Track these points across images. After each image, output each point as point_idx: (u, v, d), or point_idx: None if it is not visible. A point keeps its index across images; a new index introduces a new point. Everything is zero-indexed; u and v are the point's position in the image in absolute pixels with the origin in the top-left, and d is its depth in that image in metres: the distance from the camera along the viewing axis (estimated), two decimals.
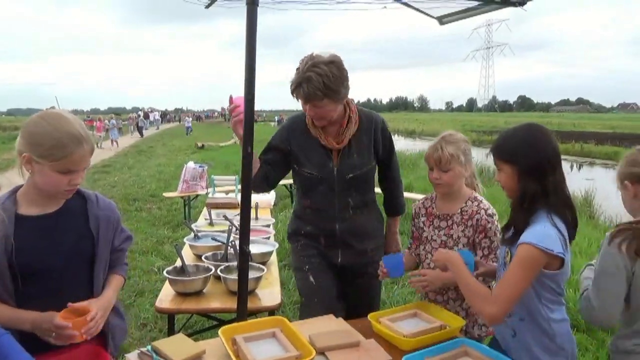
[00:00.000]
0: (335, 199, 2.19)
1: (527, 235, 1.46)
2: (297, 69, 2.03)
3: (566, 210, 1.52)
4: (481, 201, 1.97)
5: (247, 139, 1.86)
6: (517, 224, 1.54)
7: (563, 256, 1.45)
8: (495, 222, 1.91)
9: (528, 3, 2.12)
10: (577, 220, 1.57)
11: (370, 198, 2.29)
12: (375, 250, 2.29)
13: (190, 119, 38.47)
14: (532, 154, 1.51)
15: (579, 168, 18.55)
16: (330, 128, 2.17)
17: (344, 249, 2.24)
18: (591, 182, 12.01)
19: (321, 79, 1.94)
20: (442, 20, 2.53)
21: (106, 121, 22.12)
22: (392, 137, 2.35)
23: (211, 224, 3.37)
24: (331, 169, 2.17)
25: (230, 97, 2.01)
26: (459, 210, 1.98)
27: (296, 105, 2.13)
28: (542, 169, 1.50)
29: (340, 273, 2.28)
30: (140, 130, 29.58)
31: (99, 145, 19.72)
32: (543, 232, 1.45)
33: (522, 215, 1.53)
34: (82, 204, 1.58)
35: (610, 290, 1.55)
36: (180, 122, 64.22)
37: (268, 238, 3.01)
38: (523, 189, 1.53)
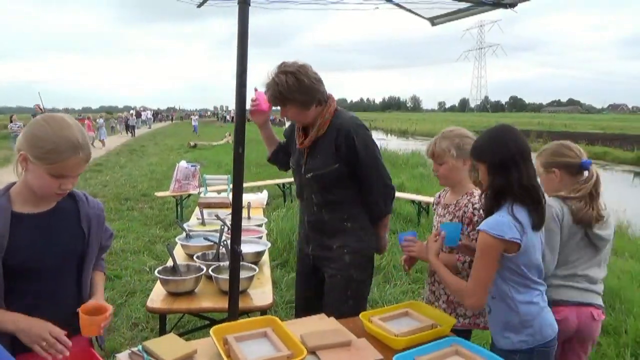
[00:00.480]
0: (303, 193, 2.37)
1: (483, 224, 1.65)
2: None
3: (530, 201, 1.66)
4: (474, 196, 2.04)
5: (239, 140, 1.86)
6: (486, 215, 1.72)
7: (517, 241, 1.59)
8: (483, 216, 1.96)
9: (519, 5, 2.14)
10: (544, 210, 1.70)
11: (337, 199, 2.27)
12: (341, 248, 2.28)
13: (197, 117, 38.36)
14: (497, 152, 1.67)
15: None
16: (311, 128, 2.28)
17: (313, 240, 2.38)
18: None
19: (277, 88, 2.14)
20: (433, 21, 2.55)
21: (96, 120, 21.92)
22: (371, 139, 2.25)
23: (203, 223, 3.37)
24: (301, 166, 2.34)
25: (255, 89, 2.29)
26: (455, 202, 2.10)
27: None
28: (506, 165, 1.65)
29: (313, 264, 2.41)
30: (132, 129, 29.16)
31: (91, 144, 19.56)
32: (496, 220, 1.62)
33: (489, 206, 1.71)
34: (73, 203, 1.60)
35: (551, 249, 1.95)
36: (172, 121, 63.99)
37: (260, 238, 3.01)
38: (491, 183, 1.70)
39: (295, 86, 2.13)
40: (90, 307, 1.52)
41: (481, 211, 1.95)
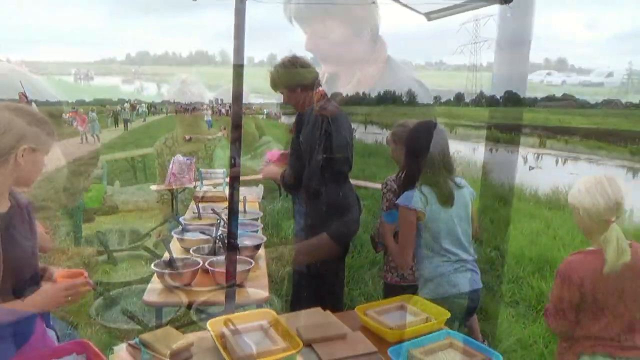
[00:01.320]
0: None
1: (399, 199, 2.09)
2: None
3: (431, 181, 2.06)
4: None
5: (236, 135, 1.86)
6: (400, 191, 2.15)
7: (420, 209, 2.02)
8: (384, 189, 2.61)
9: (514, 0, 2.15)
10: (447, 188, 2.07)
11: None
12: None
13: (210, 112, 37.94)
14: (413, 142, 2.13)
15: (564, 162, 18.80)
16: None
17: None
18: (575, 176, 12.20)
19: (272, 76, 2.72)
20: (429, 16, 2.55)
21: (88, 113, 21.58)
22: (317, 129, 2.58)
23: (199, 217, 3.37)
24: None
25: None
26: None
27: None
28: (415, 154, 2.10)
29: None
30: (125, 123, 28.51)
31: (84, 139, 19.39)
32: (406, 194, 2.06)
33: (403, 184, 2.16)
34: (14, 199, 1.53)
35: None
36: (167, 114, 63.62)
37: (256, 231, 3.02)
38: (404, 166, 2.20)
39: (287, 74, 2.66)
40: (63, 274, 1.56)
41: (383, 184, 2.61)
